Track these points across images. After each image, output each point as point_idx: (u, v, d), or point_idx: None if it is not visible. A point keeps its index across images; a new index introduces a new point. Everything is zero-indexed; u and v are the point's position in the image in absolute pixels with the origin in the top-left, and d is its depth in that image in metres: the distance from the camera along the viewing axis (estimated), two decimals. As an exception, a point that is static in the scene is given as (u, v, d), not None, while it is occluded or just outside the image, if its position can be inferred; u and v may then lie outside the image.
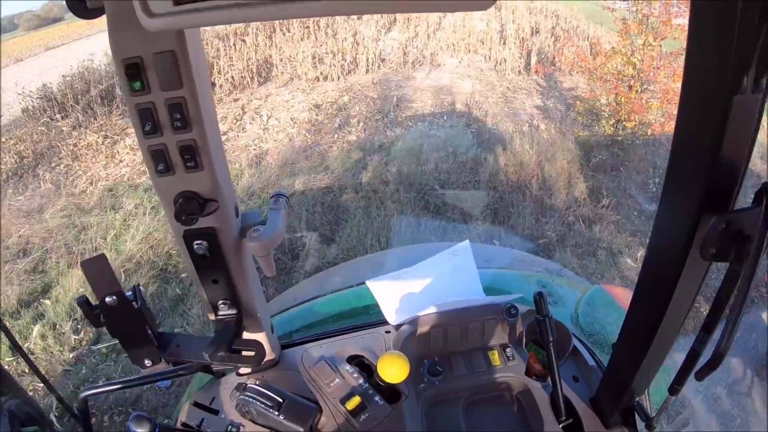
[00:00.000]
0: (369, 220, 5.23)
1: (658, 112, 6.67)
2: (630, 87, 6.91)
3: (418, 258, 1.69)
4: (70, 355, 3.71)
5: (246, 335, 1.22)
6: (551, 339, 1.30)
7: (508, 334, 1.51)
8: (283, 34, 10.14)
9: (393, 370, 1.25)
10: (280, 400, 1.19)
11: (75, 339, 3.84)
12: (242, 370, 1.34)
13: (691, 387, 4.87)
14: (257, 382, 1.22)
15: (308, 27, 10.36)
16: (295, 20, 9.88)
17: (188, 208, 0.91)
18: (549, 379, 1.35)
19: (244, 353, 1.19)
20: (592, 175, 6.38)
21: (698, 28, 0.69)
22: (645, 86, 6.98)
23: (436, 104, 8.33)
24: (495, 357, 1.45)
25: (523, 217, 5.50)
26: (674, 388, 1.00)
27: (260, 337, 1.24)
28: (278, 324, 1.67)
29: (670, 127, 6.67)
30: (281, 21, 9.79)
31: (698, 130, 0.75)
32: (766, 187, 0.73)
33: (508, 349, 1.47)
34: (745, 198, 0.78)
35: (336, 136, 7.31)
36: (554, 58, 9.84)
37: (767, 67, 0.65)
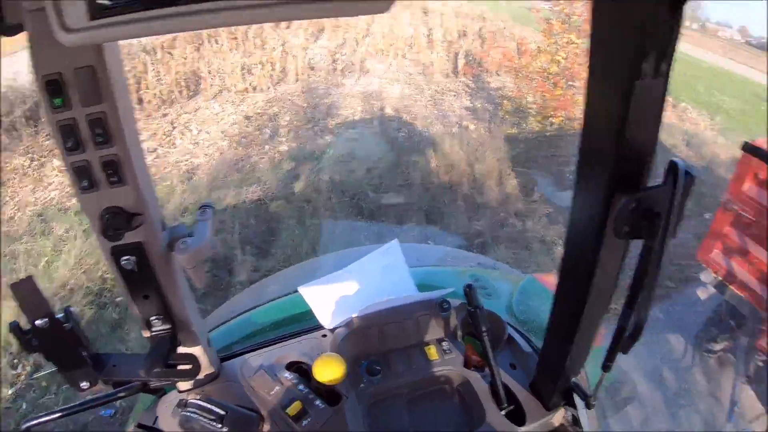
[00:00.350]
0: (303, 229, 5.23)
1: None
2: (555, 84, 7.23)
3: (350, 262, 1.70)
4: (9, 392, 3.56)
5: (182, 350, 1.21)
6: (484, 329, 1.33)
7: (443, 328, 1.52)
8: (212, 46, 9.90)
9: (328, 371, 1.26)
10: (222, 412, 1.17)
11: (12, 374, 3.68)
12: (183, 387, 1.32)
13: (637, 365, 5.16)
14: (198, 397, 1.20)
15: (236, 38, 10.17)
16: (223, 32, 9.74)
17: (114, 223, 0.91)
18: (487, 369, 1.38)
19: (180, 367, 1.18)
20: (522, 171, 6.62)
21: (600, 19, 0.72)
22: (570, 83, 7.30)
23: (365, 110, 8.39)
24: (432, 352, 1.46)
25: (456, 216, 5.65)
26: (606, 365, 1.03)
27: (197, 350, 1.23)
28: (217, 337, 1.66)
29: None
30: (210, 32, 9.64)
31: (604, 114, 0.78)
32: (672, 166, 0.76)
33: (444, 343, 1.48)
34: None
35: (267, 147, 7.25)
36: (481, 59, 10.14)
37: (665, 54, 0.68)
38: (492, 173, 6.42)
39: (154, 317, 1.11)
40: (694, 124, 11.04)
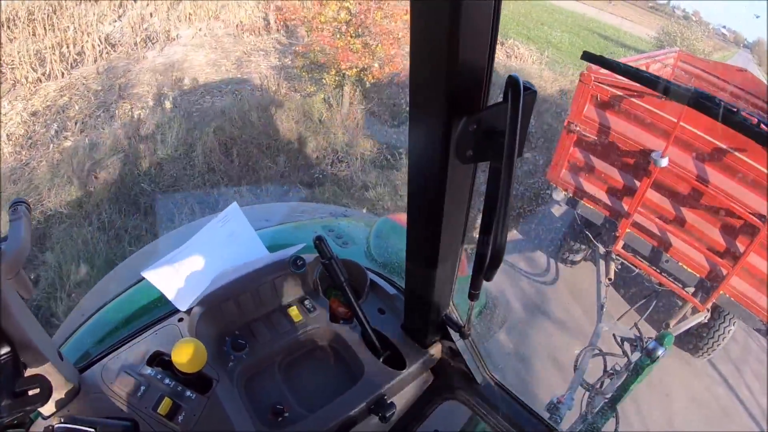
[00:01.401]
0: (78, 244, 4.51)
1: (382, 53, 6.79)
2: (342, 34, 6.79)
3: (192, 236, 1.53)
4: None
5: (30, 372, 1.03)
6: (343, 279, 1.34)
7: (302, 286, 1.47)
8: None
9: (187, 357, 1.17)
10: (91, 430, 1.06)
11: None
12: (46, 411, 1.14)
13: (506, 290, 5.26)
14: (62, 420, 1.07)
15: (31, 21, 8.26)
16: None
17: None
18: (356, 320, 1.37)
19: (29, 393, 1.01)
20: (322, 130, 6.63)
21: None
22: (363, 31, 6.95)
23: (163, 84, 7.62)
24: (295, 313, 1.41)
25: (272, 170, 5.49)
26: (471, 293, 1.02)
27: (46, 368, 1.05)
28: (71, 349, 1.58)
29: (395, 67, 6.93)
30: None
31: (433, 36, 0.73)
32: (511, 81, 0.73)
33: (306, 302, 1.45)
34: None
35: (51, 146, 6.15)
36: (292, 13, 9.40)
37: None
38: (290, 132, 6.38)
39: None
40: (521, 59, 11.65)
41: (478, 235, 0.91)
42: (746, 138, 3.54)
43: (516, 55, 11.54)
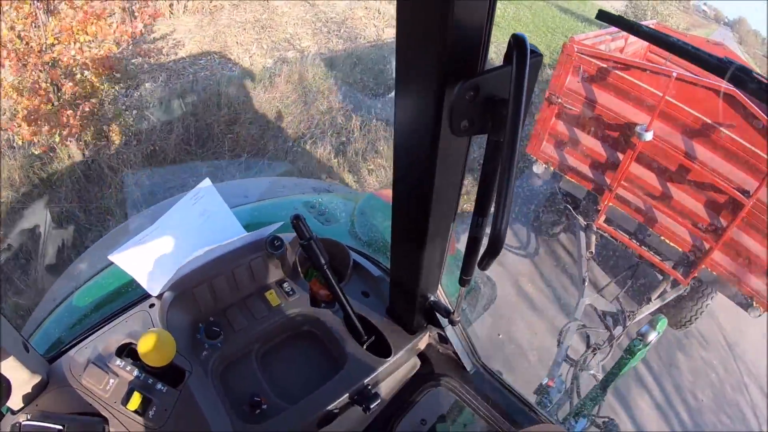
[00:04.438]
0: None
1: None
2: None
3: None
4: None
5: None
6: (324, 261, 1.26)
7: (281, 268, 1.40)
8: None
9: (153, 351, 1.10)
10: (59, 427, 1.03)
11: None
12: (15, 406, 1.09)
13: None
14: (29, 416, 1.04)
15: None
16: None
17: None
18: (338, 303, 1.31)
19: None
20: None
21: None
22: None
23: None
24: (273, 297, 1.35)
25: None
26: (463, 279, 0.96)
27: (11, 362, 1.00)
28: (41, 338, 1.54)
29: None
30: None
31: None
32: (517, 40, 0.65)
33: (285, 284, 1.37)
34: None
35: None
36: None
37: None
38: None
39: None
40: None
41: (472, 216, 0.84)
42: (734, 114, 3.58)
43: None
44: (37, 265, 3.82)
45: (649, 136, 3.85)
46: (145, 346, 1.11)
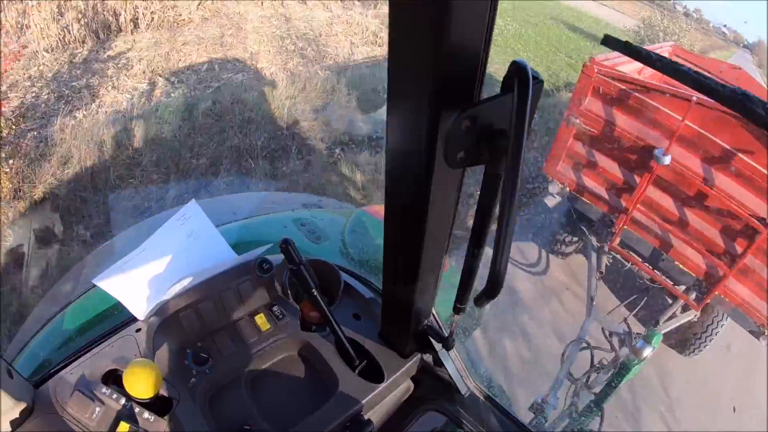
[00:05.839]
0: None
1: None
2: None
3: (150, 234, 1.41)
4: None
5: None
6: (313, 286, 1.23)
7: (269, 291, 1.38)
8: None
9: (140, 384, 1.08)
10: None
11: None
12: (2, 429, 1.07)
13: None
14: None
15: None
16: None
17: None
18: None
19: None
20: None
21: None
22: None
23: None
24: (263, 321, 1.33)
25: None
26: (457, 307, 0.95)
27: None
28: (26, 362, 1.51)
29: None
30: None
31: (418, 10, 0.59)
32: (518, 67, 0.61)
33: (275, 308, 1.36)
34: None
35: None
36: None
37: None
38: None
39: None
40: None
41: (468, 246, 0.82)
42: (752, 140, 3.57)
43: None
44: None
45: (667, 160, 3.82)
46: (130, 377, 1.10)
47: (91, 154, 4.94)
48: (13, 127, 5.20)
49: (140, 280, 1.32)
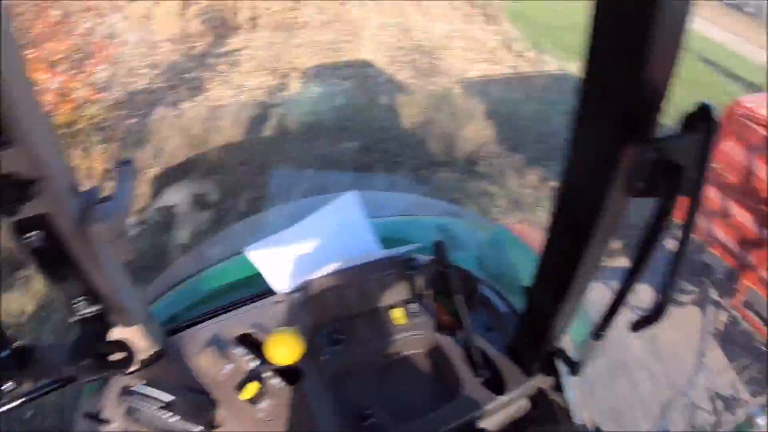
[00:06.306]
0: None
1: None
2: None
3: (299, 214, 1.53)
4: None
5: (116, 332, 1.06)
6: (458, 291, 1.27)
7: (410, 288, 1.41)
8: None
9: (283, 352, 1.16)
10: (170, 398, 1.06)
11: None
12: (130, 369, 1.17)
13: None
14: (144, 381, 1.09)
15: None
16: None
17: (7, 194, 0.73)
18: (460, 332, 1.30)
19: (111, 358, 1.06)
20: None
21: None
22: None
23: None
24: (399, 315, 1.36)
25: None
26: (598, 333, 0.96)
27: (133, 331, 1.09)
28: (160, 310, 1.54)
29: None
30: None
31: (616, 41, 0.66)
32: (704, 110, 0.66)
33: (412, 305, 1.38)
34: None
35: None
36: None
37: None
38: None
39: (79, 299, 0.96)
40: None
41: (625, 275, 0.85)
42: None
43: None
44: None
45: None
46: (275, 344, 1.16)
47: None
48: (118, 112, 5.66)
49: (289, 258, 1.42)
